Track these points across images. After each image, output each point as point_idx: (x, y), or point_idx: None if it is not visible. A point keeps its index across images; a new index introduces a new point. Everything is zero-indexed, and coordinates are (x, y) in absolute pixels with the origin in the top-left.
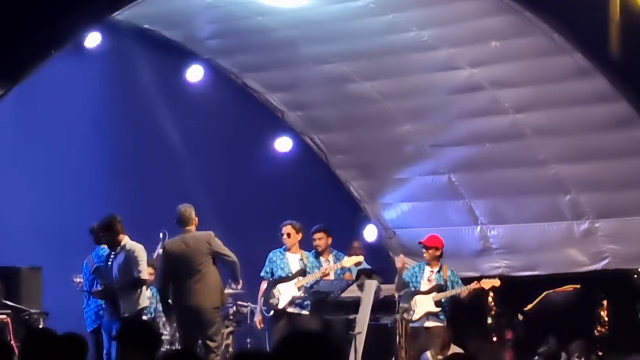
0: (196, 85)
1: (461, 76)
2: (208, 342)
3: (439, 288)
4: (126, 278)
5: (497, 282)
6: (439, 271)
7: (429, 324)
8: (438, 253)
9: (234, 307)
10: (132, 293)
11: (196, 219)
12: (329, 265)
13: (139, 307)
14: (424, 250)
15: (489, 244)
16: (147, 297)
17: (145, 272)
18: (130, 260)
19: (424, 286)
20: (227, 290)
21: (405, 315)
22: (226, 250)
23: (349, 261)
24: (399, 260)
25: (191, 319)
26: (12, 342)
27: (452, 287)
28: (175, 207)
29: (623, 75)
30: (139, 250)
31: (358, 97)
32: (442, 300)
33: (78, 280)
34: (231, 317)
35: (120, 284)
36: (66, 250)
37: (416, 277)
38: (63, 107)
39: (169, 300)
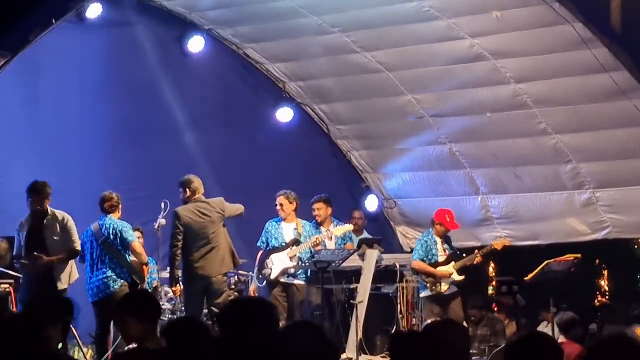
0: (197, 56)
1: (462, 46)
2: (215, 310)
3: (455, 256)
4: (62, 248)
5: (507, 241)
6: (446, 241)
7: (451, 290)
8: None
9: (235, 277)
10: (66, 264)
11: (203, 189)
12: (319, 235)
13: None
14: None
15: (489, 213)
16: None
17: (78, 242)
18: (66, 230)
19: (441, 257)
20: None
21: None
22: (236, 209)
23: (338, 230)
24: None
25: (200, 288)
26: (14, 310)
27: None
28: (176, 178)
29: (623, 45)
30: (72, 220)
31: (359, 68)
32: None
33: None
34: (232, 286)
35: (57, 254)
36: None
37: (431, 249)
38: (64, 77)
39: (177, 269)
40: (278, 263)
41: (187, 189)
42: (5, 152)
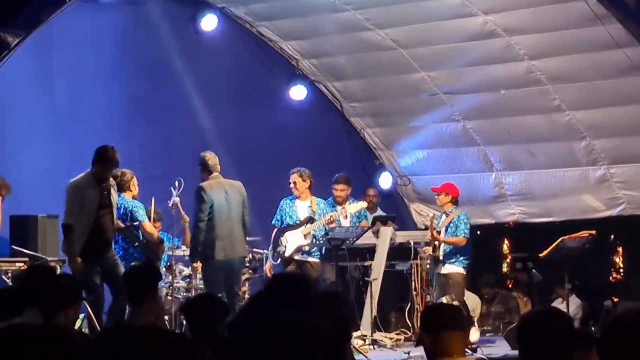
0: (210, 35)
1: (475, 23)
2: (236, 289)
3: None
4: None
5: None
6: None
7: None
8: (448, 199)
9: (250, 255)
10: None
11: (220, 167)
12: (333, 213)
13: None
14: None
15: (504, 190)
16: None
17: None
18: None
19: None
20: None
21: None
22: (248, 209)
23: (352, 207)
24: None
25: (220, 267)
26: None
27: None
28: (190, 156)
29: (637, 20)
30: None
31: (373, 45)
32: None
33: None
34: (247, 264)
35: None
36: None
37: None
38: (77, 57)
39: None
40: (292, 241)
41: (206, 166)
42: (20, 132)
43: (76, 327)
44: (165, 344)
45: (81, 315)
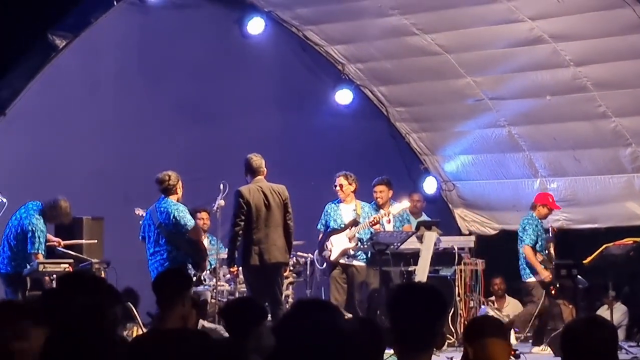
0: (257, 38)
1: (522, 29)
2: (277, 295)
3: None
4: None
5: None
6: None
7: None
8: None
9: (294, 258)
10: None
11: (265, 170)
12: (377, 215)
13: None
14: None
15: None
16: None
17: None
18: None
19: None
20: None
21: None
22: (291, 214)
23: (395, 208)
24: None
25: (258, 271)
26: None
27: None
28: (235, 159)
29: None
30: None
31: (419, 50)
32: None
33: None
34: (291, 268)
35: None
36: (128, 201)
37: (542, 234)
38: (124, 59)
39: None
40: (337, 244)
41: (250, 168)
42: (66, 134)
43: None
44: (197, 348)
45: None
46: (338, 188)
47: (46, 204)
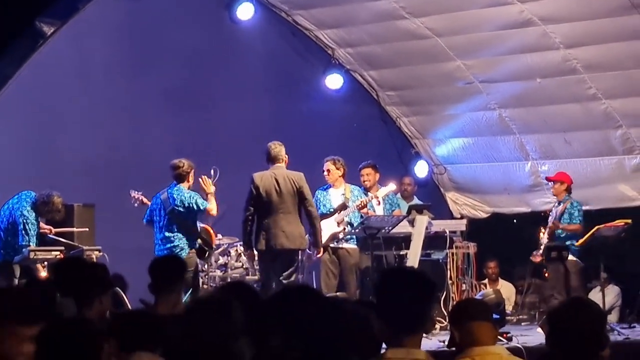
0: (246, 23)
1: (512, 11)
2: (285, 280)
3: None
4: None
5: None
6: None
7: None
8: (563, 188)
9: None
10: None
11: (286, 156)
12: (364, 198)
13: None
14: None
15: (540, 179)
16: None
17: None
18: None
19: None
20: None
21: None
22: (311, 200)
23: (381, 191)
24: None
25: (267, 257)
26: None
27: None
28: (225, 144)
29: None
30: None
31: (409, 34)
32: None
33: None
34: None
35: None
36: (119, 188)
37: None
38: (114, 45)
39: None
40: (326, 229)
41: (268, 156)
42: (56, 121)
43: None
44: None
45: None
46: (326, 173)
47: (39, 197)
